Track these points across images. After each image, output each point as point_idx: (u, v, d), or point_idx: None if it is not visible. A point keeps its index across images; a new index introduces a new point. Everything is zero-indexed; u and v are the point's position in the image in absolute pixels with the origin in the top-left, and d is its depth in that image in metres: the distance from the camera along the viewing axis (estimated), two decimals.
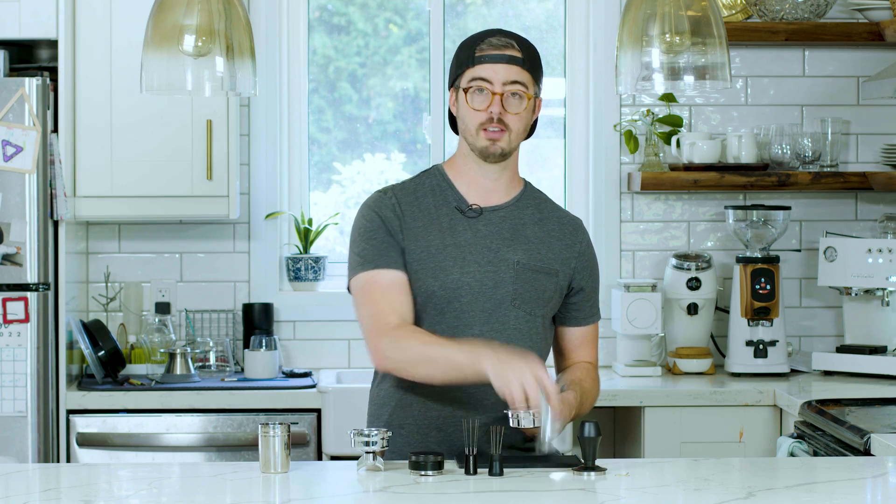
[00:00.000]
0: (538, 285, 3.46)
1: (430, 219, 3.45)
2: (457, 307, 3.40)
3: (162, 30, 3.36)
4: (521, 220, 3.49)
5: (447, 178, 3.51)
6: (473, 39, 3.45)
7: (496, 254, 3.44)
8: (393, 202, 3.46)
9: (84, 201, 5.10)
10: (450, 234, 3.44)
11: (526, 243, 3.47)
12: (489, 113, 3.40)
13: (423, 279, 3.41)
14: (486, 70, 3.40)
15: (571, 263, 3.51)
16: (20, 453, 4.81)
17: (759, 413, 4.90)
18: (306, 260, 5.47)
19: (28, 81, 4.80)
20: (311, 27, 5.62)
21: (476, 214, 3.47)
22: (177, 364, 5.12)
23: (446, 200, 3.48)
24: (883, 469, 3.34)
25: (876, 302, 5.16)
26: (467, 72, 3.42)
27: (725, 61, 3.42)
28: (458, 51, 3.49)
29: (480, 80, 3.40)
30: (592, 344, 3.60)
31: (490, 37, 3.43)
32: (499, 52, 3.40)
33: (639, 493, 3.07)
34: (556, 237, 3.51)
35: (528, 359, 3.22)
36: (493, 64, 3.40)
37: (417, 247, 3.43)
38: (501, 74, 3.40)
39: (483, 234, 3.45)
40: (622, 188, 5.52)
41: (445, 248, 3.43)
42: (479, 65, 3.41)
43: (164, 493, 3.08)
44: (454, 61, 3.48)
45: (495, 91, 3.39)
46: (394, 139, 5.70)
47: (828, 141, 5.42)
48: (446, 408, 3.43)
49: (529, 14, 5.67)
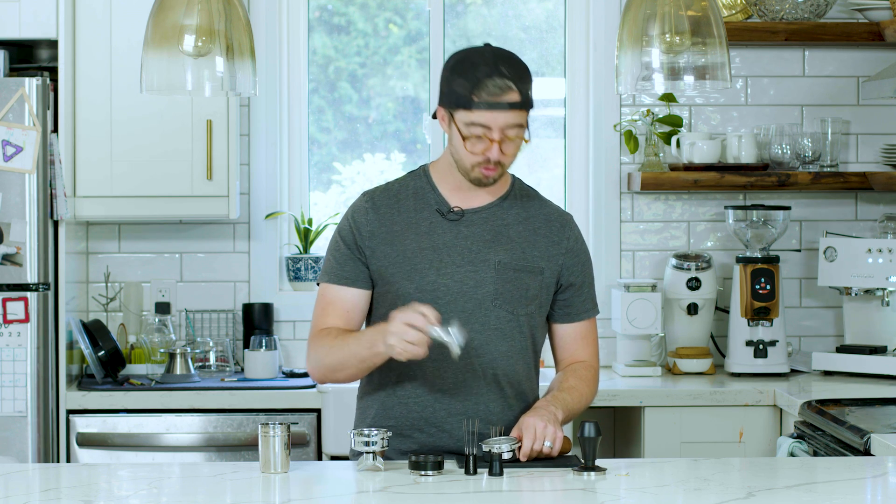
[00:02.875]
0: (521, 284, 3.46)
1: (409, 222, 3.47)
2: (435, 308, 3.39)
3: (162, 30, 3.36)
4: (505, 220, 3.50)
5: (431, 181, 3.52)
6: (472, 75, 3.35)
7: (476, 255, 3.45)
8: (368, 206, 3.49)
9: (84, 201, 5.10)
10: (427, 237, 3.46)
11: (508, 243, 3.47)
12: (487, 156, 3.38)
13: (398, 282, 3.43)
14: (484, 117, 3.34)
15: (559, 260, 3.51)
16: (20, 453, 4.81)
17: (759, 413, 4.90)
18: (306, 260, 5.47)
19: (28, 81, 4.80)
20: (311, 27, 5.62)
21: (458, 217, 3.48)
22: (177, 364, 5.12)
23: (427, 203, 3.49)
24: (883, 469, 3.34)
25: (876, 302, 5.16)
26: (463, 112, 3.36)
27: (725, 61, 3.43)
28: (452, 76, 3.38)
29: (480, 125, 3.35)
30: (587, 341, 3.59)
31: (488, 80, 3.34)
32: (498, 99, 3.34)
33: (639, 493, 3.07)
34: (541, 234, 3.50)
35: (396, 312, 3.27)
36: (494, 111, 3.34)
37: (393, 250, 3.46)
38: (501, 121, 3.35)
39: (464, 236, 3.46)
40: (622, 188, 5.52)
41: (422, 251, 3.44)
42: (476, 110, 3.35)
43: (164, 493, 3.08)
44: (447, 85, 3.39)
45: (493, 138, 3.36)
46: (394, 139, 5.70)
47: (828, 141, 5.42)
48: (427, 409, 3.44)
49: (529, 14, 5.67)
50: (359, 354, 3.37)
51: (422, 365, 3.43)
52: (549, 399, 3.43)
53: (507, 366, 3.46)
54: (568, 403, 3.44)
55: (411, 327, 3.23)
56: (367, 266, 3.47)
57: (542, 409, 3.37)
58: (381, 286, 3.47)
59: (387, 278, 3.45)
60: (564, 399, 3.44)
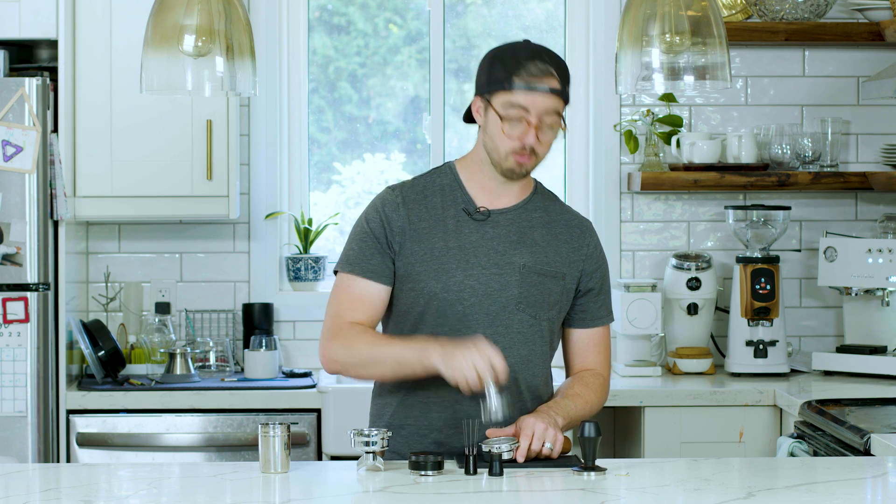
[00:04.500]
0: (544, 289, 3.45)
1: (436, 220, 3.45)
2: (459, 310, 3.40)
3: (162, 30, 3.36)
4: (529, 222, 3.48)
5: (458, 179, 3.49)
6: (513, 58, 3.36)
7: (502, 256, 3.43)
8: (398, 201, 3.45)
9: (84, 201, 5.10)
10: (454, 236, 3.44)
11: (533, 246, 3.46)
12: (523, 142, 3.37)
13: (425, 281, 3.41)
14: (524, 98, 3.34)
15: (579, 266, 3.50)
16: (20, 453, 4.81)
17: (759, 413, 4.90)
18: (306, 260, 5.47)
19: (28, 81, 4.80)
20: (311, 27, 5.62)
21: (484, 217, 3.46)
22: (177, 364, 5.12)
23: (455, 202, 3.47)
24: (883, 469, 3.34)
25: (876, 302, 5.16)
26: (503, 94, 3.35)
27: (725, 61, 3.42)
28: (493, 63, 3.39)
29: (519, 107, 3.34)
30: (599, 348, 3.56)
31: (530, 62, 3.34)
32: (539, 81, 3.34)
33: (639, 493, 3.07)
34: (563, 240, 3.49)
35: (476, 342, 3.25)
36: (533, 93, 3.34)
37: (420, 248, 3.43)
38: (540, 105, 3.34)
39: (490, 237, 3.45)
40: (622, 188, 5.52)
41: (449, 251, 3.42)
42: (517, 91, 3.34)
43: (164, 493, 3.08)
44: (487, 72, 3.39)
45: (531, 121, 3.35)
46: (394, 139, 5.70)
47: (828, 141, 5.42)
48: (447, 410, 3.43)
49: (529, 14, 5.67)
50: (404, 360, 3.33)
51: None
52: (550, 404, 3.42)
53: (527, 370, 3.45)
54: (570, 410, 3.42)
55: (486, 362, 3.22)
56: (393, 262, 3.44)
57: (543, 412, 3.36)
58: (406, 283, 3.43)
59: (413, 276, 3.42)
60: (567, 406, 3.42)
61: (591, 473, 3.18)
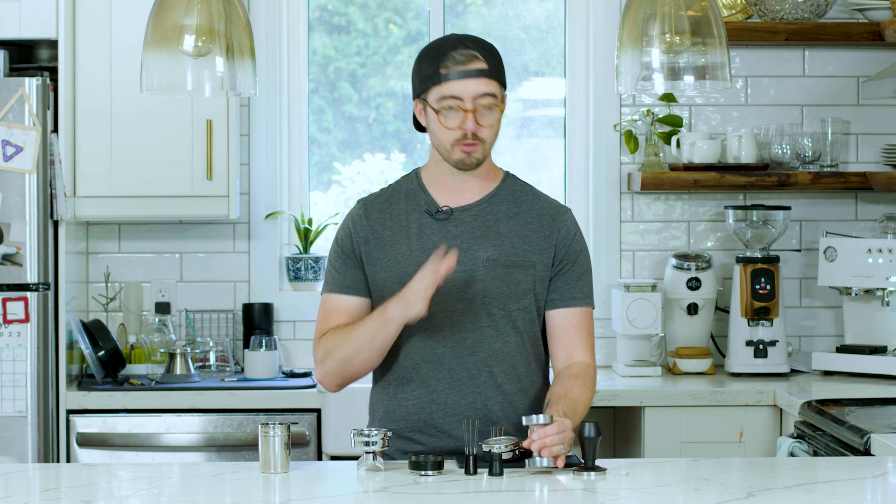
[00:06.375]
0: (511, 280, 3.44)
1: (400, 226, 3.48)
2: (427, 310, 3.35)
3: (162, 30, 3.36)
4: (495, 216, 3.49)
5: (421, 182, 3.52)
6: (436, 52, 3.40)
7: (466, 253, 3.43)
8: (361, 213, 3.51)
9: (84, 201, 5.10)
10: (417, 239, 3.45)
11: (498, 238, 3.46)
12: (463, 130, 3.38)
13: (390, 287, 3.42)
14: (454, 87, 3.36)
15: (550, 252, 3.48)
16: (20, 453, 4.81)
17: (759, 413, 4.90)
18: (306, 260, 5.47)
19: (28, 81, 4.80)
20: (311, 27, 5.62)
21: (446, 216, 3.47)
22: (177, 364, 5.12)
23: (417, 205, 3.49)
24: (883, 469, 3.34)
25: (876, 302, 5.16)
26: (434, 89, 3.38)
27: (725, 61, 3.43)
28: (420, 62, 3.43)
29: (451, 97, 3.37)
30: (580, 331, 3.48)
31: (452, 50, 3.38)
32: (465, 66, 3.36)
33: (639, 493, 3.07)
34: (533, 229, 3.48)
35: (420, 271, 3.29)
36: (462, 80, 3.36)
37: (385, 255, 3.46)
38: (471, 89, 3.36)
39: (453, 235, 3.46)
40: (622, 188, 5.52)
41: (412, 254, 3.44)
42: (446, 82, 3.37)
43: (164, 493, 3.08)
44: (417, 73, 3.43)
45: (466, 108, 3.37)
46: (394, 139, 5.70)
47: (828, 141, 5.42)
48: (425, 411, 3.44)
49: (529, 14, 5.67)
50: (373, 331, 3.35)
51: (417, 367, 3.43)
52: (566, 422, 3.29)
53: (504, 363, 3.44)
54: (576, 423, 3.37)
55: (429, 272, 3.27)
56: (364, 273, 3.48)
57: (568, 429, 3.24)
58: (376, 291, 3.47)
59: (380, 283, 3.46)
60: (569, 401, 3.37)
61: (591, 473, 3.18)
